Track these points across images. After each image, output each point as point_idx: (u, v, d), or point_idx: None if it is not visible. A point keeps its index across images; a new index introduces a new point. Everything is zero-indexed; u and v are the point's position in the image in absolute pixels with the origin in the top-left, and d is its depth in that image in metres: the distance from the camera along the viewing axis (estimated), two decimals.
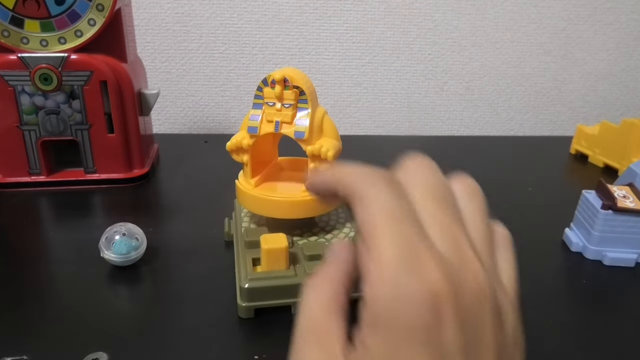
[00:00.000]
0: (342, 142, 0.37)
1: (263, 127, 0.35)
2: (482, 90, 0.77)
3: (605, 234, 0.40)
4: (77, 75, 0.47)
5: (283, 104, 0.35)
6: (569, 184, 0.59)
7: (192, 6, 0.68)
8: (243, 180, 0.38)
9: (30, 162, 0.49)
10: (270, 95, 0.35)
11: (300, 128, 0.35)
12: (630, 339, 0.33)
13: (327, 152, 0.35)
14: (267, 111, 0.35)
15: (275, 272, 0.32)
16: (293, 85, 0.34)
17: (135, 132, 0.51)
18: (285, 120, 0.35)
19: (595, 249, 0.41)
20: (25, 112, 0.47)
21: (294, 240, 0.36)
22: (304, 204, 0.35)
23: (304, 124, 0.35)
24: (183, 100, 0.73)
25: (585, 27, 0.75)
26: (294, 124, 0.35)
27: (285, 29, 0.71)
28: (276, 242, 0.32)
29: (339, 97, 0.75)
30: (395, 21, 0.72)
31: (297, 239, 0.37)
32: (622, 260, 0.40)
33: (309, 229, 0.38)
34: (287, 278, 0.32)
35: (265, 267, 0.33)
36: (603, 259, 0.41)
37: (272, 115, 0.35)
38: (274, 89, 0.34)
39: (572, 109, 0.80)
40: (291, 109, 0.35)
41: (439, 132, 0.79)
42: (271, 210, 0.36)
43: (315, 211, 0.37)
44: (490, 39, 0.74)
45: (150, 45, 0.70)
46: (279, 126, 0.35)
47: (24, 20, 0.45)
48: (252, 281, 0.32)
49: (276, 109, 0.35)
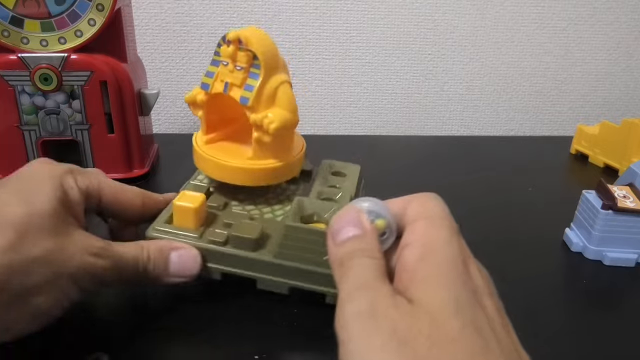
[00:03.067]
0: (297, 115, 0.35)
1: (215, 85, 0.34)
2: (482, 90, 0.77)
3: (606, 234, 0.40)
4: (77, 75, 0.47)
5: (235, 66, 0.33)
6: (569, 184, 0.59)
7: (192, 6, 0.68)
8: (198, 136, 0.37)
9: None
10: (225, 54, 0.34)
11: (245, 93, 0.33)
12: (630, 338, 0.33)
13: (269, 124, 0.32)
14: (221, 70, 0.34)
15: (182, 229, 0.32)
16: (247, 48, 0.33)
17: (135, 132, 0.51)
18: (234, 83, 0.34)
19: (595, 249, 0.41)
20: (25, 112, 0.47)
21: (228, 204, 0.35)
22: (240, 171, 0.35)
23: (250, 89, 0.33)
24: (183, 100, 0.73)
25: (585, 27, 0.75)
26: (242, 88, 0.34)
27: (285, 29, 0.71)
28: (189, 201, 0.32)
29: (339, 97, 0.75)
30: (395, 21, 0.72)
31: (235, 204, 0.36)
32: (622, 260, 0.40)
33: (254, 198, 0.37)
34: (189, 238, 0.32)
35: (176, 222, 0.33)
36: (603, 259, 0.41)
37: (224, 75, 0.34)
38: (228, 48, 0.33)
39: (573, 109, 0.80)
40: (242, 72, 0.33)
41: (439, 132, 0.79)
42: (210, 169, 0.36)
43: (251, 181, 0.35)
44: (490, 39, 0.74)
45: (150, 45, 0.70)
46: (228, 88, 0.34)
47: (24, 20, 0.45)
48: (156, 231, 0.32)
49: (229, 70, 0.34)
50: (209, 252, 0.32)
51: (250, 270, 0.32)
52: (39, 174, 0.29)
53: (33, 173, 0.30)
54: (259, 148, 0.34)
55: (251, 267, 0.32)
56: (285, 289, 0.32)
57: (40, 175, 0.29)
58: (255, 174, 0.35)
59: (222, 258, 0.32)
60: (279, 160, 0.35)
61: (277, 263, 0.31)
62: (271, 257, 0.32)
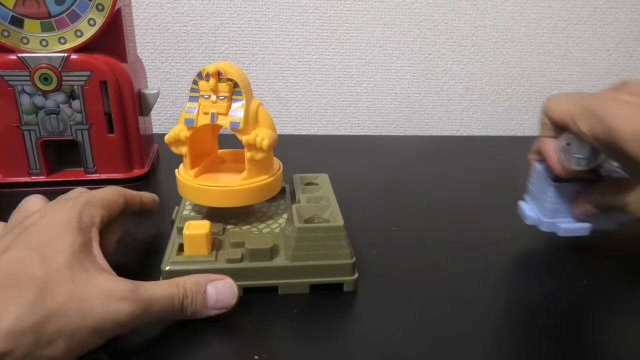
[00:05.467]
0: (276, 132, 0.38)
1: (200, 119, 0.37)
2: (482, 90, 0.77)
3: (558, 205, 0.39)
4: (77, 75, 0.47)
5: (218, 96, 0.36)
6: None
7: (192, 6, 0.68)
8: (182, 172, 0.39)
9: (30, 162, 0.49)
10: (206, 88, 0.36)
11: (235, 119, 0.36)
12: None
13: (262, 141, 0.36)
14: (203, 103, 0.37)
15: (197, 257, 0.34)
16: (227, 78, 0.36)
17: (135, 132, 0.51)
18: (220, 112, 0.36)
19: (549, 221, 0.40)
20: (25, 112, 0.47)
21: (226, 229, 0.37)
22: (240, 192, 0.37)
23: (238, 115, 0.36)
24: (183, 100, 0.73)
25: (585, 27, 0.75)
26: (229, 115, 0.36)
27: (285, 29, 0.71)
28: (198, 229, 0.34)
29: (339, 97, 0.75)
30: (395, 21, 0.72)
31: (231, 227, 0.38)
32: (576, 230, 0.39)
33: (245, 219, 0.39)
34: (206, 263, 0.33)
35: (188, 252, 0.34)
36: (558, 231, 0.40)
37: (207, 107, 0.36)
38: (208, 82, 0.36)
39: None
40: (226, 101, 0.36)
41: (439, 132, 0.79)
42: (207, 199, 0.38)
43: (248, 200, 0.38)
44: (490, 39, 0.74)
45: (150, 45, 0.70)
46: (215, 117, 0.36)
47: (23, 20, 0.45)
48: (172, 264, 0.33)
49: (212, 101, 0.36)
50: (228, 272, 0.33)
51: (270, 278, 0.34)
52: (57, 223, 0.29)
53: (51, 221, 0.29)
54: (253, 167, 0.37)
55: (271, 276, 0.34)
56: (307, 288, 0.34)
57: (58, 224, 0.29)
58: (253, 192, 0.38)
59: (242, 274, 0.34)
60: (269, 175, 0.39)
61: (296, 265, 0.34)
62: (289, 262, 0.34)
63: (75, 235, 0.29)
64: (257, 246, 0.34)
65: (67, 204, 0.31)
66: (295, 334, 0.31)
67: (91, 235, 0.30)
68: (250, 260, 0.34)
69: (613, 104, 0.32)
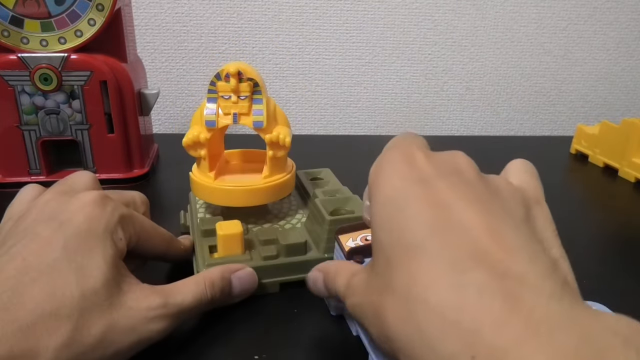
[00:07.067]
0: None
1: (220, 120, 0.37)
2: (482, 90, 0.77)
3: None
4: (77, 75, 0.47)
5: (239, 97, 0.36)
6: (569, 184, 0.59)
7: (192, 6, 0.68)
8: (199, 173, 0.39)
9: (30, 162, 0.49)
10: (226, 89, 0.36)
11: (258, 118, 0.36)
12: None
13: (284, 139, 0.37)
14: (223, 104, 0.36)
15: (232, 257, 0.34)
16: (247, 78, 0.36)
17: (135, 132, 0.51)
18: (242, 112, 0.36)
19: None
20: (25, 112, 0.47)
21: (248, 228, 0.38)
22: (262, 190, 0.37)
23: (261, 113, 0.36)
24: (183, 100, 0.73)
25: (585, 27, 0.75)
26: (251, 115, 0.36)
27: (285, 29, 0.71)
28: (232, 229, 0.34)
29: (339, 97, 0.75)
30: (395, 21, 0.72)
31: (252, 226, 0.38)
32: None
33: (263, 217, 0.39)
34: (244, 262, 0.33)
35: (222, 253, 0.34)
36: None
37: (228, 107, 0.36)
38: (228, 83, 0.36)
39: (572, 109, 0.80)
40: (247, 101, 0.36)
41: (439, 132, 0.79)
42: (230, 200, 0.38)
43: (271, 197, 0.38)
44: (490, 39, 0.74)
45: (150, 45, 0.70)
46: (237, 118, 0.37)
47: (23, 20, 0.45)
48: (209, 267, 0.33)
49: (232, 102, 0.36)
50: (265, 269, 0.33)
51: (305, 272, 0.33)
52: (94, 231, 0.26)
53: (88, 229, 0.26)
54: (274, 165, 0.38)
55: (306, 269, 0.34)
56: None
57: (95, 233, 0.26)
58: (275, 190, 0.38)
59: (278, 270, 0.34)
60: (287, 172, 0.39)
61: (330, 257, 0.34)
62: (323, 254, 0.35)
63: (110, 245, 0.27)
64: (292, 241, 0.34)
65: (107, 205, 0.28)
66: (296, 334, 0.31)
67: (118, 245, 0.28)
68: (286, 255, 0.34)
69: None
